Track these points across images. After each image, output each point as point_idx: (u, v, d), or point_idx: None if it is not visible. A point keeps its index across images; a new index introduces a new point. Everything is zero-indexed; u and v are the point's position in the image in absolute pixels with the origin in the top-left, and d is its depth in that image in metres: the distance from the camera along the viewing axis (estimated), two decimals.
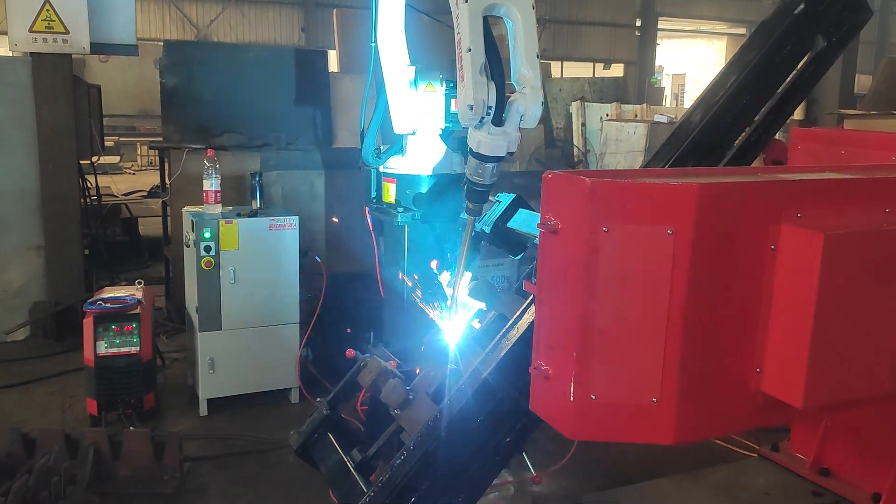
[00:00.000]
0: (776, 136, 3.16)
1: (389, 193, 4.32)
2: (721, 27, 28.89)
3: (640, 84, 23.59)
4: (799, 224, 1.90)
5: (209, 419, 4.68)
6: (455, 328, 2.81)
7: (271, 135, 6.53)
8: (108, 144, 13.42)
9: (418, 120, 4.12)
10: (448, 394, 2.42)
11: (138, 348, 4.52)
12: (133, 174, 15.97)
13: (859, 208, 2.03)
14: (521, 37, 2.38)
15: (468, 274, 2.85)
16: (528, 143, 10.76)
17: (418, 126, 4.13)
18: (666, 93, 24.53)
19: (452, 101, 4.05)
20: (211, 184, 4.75)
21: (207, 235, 4.56)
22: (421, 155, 4.16)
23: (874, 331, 2.01)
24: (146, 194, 11.76)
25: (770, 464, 3.49)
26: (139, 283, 5.04)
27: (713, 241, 1.85)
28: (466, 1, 2.30)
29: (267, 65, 6.88)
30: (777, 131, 3.10)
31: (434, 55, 4.21)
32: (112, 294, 4.79)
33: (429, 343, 2.95)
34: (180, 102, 6.54)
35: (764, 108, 2.96)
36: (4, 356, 5.66)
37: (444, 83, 4.07)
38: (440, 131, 4.16)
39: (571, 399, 1.90)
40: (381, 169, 4.34)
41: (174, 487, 3.82)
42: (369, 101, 4.25)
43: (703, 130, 2.85)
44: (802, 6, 2.89)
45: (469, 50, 2.29)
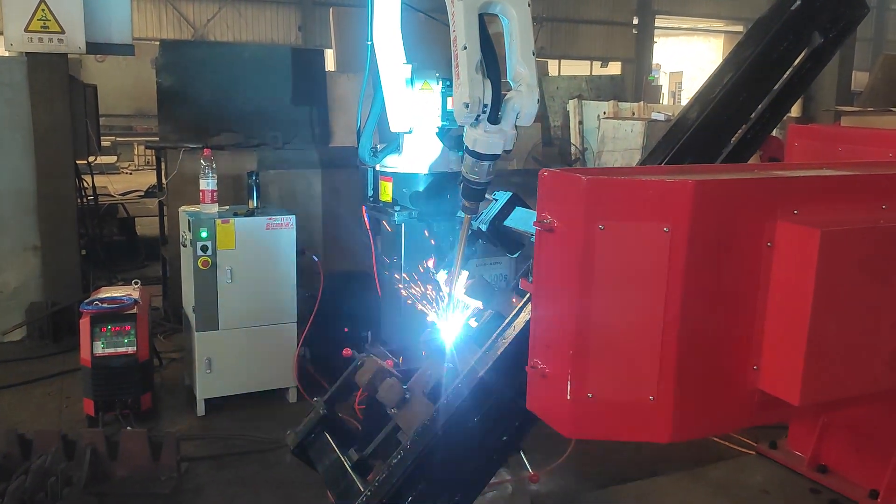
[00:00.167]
0: (773, 133, 3.16)
1: (386, 192, 4.31)
2: (718, 25, 28.89)
3: (638, 82, 23.58)
4: (795, 221, 1.90)
5: (206, 419, 4.67)
6: (452, 327, 2.81)
7: (268, 134, 6.51)
8: (105, 144, 13.41)
9: (415, 118, 4.11)
10: (445, 393, 2.41)
11: (135, 348, 4.51)
12: (130, 174, 15.92)
13: (856, 205, 2.03)
14: (517, 34, 2.38)
15: (465, 272, 2.85)
16: (526, 141, 10.76)
17: (415, 124, 4.13)
18: (663, 90, 24.50)
19: (449, 100, 4.05)
20: (207, 183, 4.74)
21: (204, 235, 4.54)
22: (417, 153, 4.15)
23: (871, 327, 2.01)
24: (143, 194, 11.73)
25: (768, 461, 3.50)
26: (136, 283, 5.03)
27: (709, 239, 1.84)
28: None
29: (263, 64, 6.86)
30: (774, 128, 3.10)
31: (430, 53, 4.21)
32: (109, 294, 4.77)
33: (427, 343, 2.94)
34: (177, 102, 6.52)
35: (760, 105, 2.96)
36: (1, 357, 5.65)
37: (441, 81, 4.06)
38: (437, 129, 4.16)
39: (568, 397, 1.90)
40: (378, 168, 4.34)
41: (171, 488, 3.81)
42: (366, 100, 4.24)
43: (700, 127, 2.85)
44: (798, 3, 2.89)
45: (465, 48, 2.29)
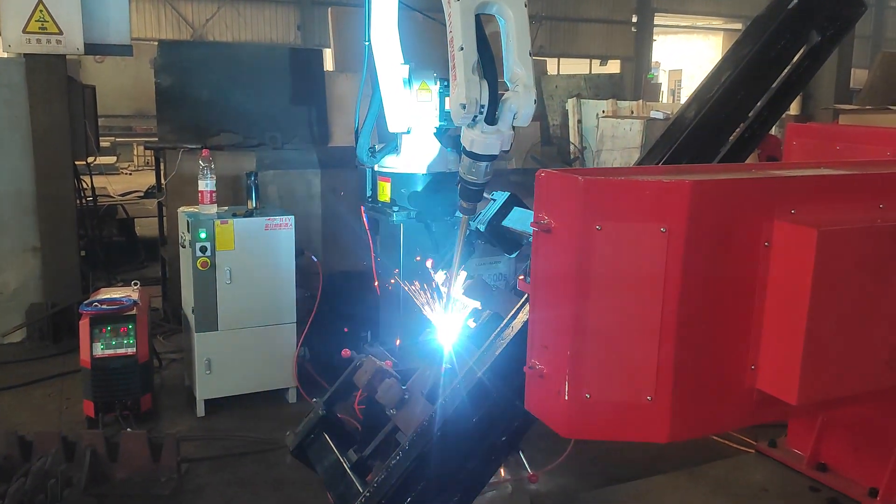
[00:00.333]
0: (771, 132, 3.16)
1: (385, 192, 4.31)
2: (717, 22, 28.86)
3: (637, 80, 23.55)
4: (793, 220, 1.90)
5: (206, 420, 4.67)
6: (450, 327, 2.81)
7: (267, 134, 6.51)
8: (105, 145, 13.37)
9: (413, 118, 4.11)
10: (443, 393, 2.41)
11: (135, 349, 4.51)
12: (130, 174, 15.88)
13: (853, 204, 2.03)
14: (514, 35, 2.37)
15: (463, 272, 2.85)
16: (525, 141, 10.75)
17: (413, 124, 4.13)
18: (663, 88, 24.46)
19: (447, 100, 4.05)
20: (206, 184, 4.74)
21: (203, 236, 4.54)
22: (416, 153, 4.15)
23: (868, 327, 2.01)
24: (142, 195, 11.72)
25: (767, 460, 3.50)
26: (135, 284, 5.03)
27: (707, 239, 1.84)
28: None
29: (262, 64, 6.86)
30: (772, 127, 3.10)
31: (428, 53, 4.20)
32: (108, 295, 4.78)
33: (424, 343, 2.94)
34: (175, 102, 6.52)
35: (759, 104, 2.96)
36: (1, 358, 5.65)
37: (439, 81, 4.06)
38: (435, 129, 4.16)
39: (566, 398, 1.90)
40: (376, 168, 4.34)
41: (172, 489, 3.81)
42: (364, 100, 4.24)
43: (698, 126, 2.85)
44: (796, 1, 2.89)
45: (461, 48, 2.28)
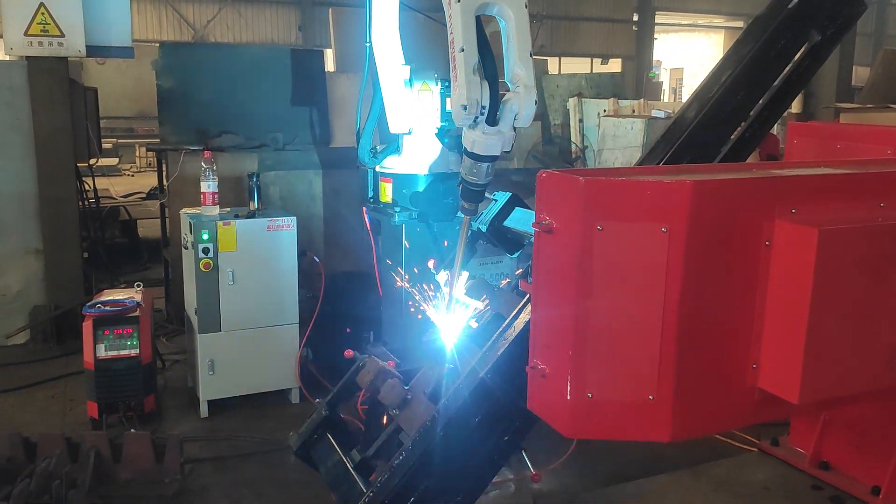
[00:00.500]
0: (772, 131, 3.16)
1: (386, 193, 4.32)
2: (718, 21, 28.83)
3: (638, 79, 23.53)
4: (793, 220, 1.90)
5: (210, 421, 4.68)
6: (453, 327, 2.81)
7: (268, 135, 6.52)
8: (107, 147, 13.42)
9: (414, 119, 4.12)
10: (446, 394, 2.42)
11: (138, 351, 4.52)
12: (132, 176, 15.90)
13: (854, 203, 2.03)
14: (514, 35, 2.37)
15: (465, 273, 2.85)
16: (526, 140, 10.75)
17: (414, 125, 4.13)
18: (664, 87, 24.44)
19: (448, 100, 4.05)
20: (208, 185, 4.75)
21: (205, 237, 4.55)
22: (417, 154, 4.16)
23: (870, 325, 2.01)
24: (145, 196, 11.73)
25: (770, 458, 3.49)
26: (138, 286, 5.04)
27: (708, 238, 1.85)
28: (459, 0, 2.29)
29: (263, 65, 6.87)
30: (773, 126, 3.10)
31: (429, 54, 4.21)
32: (111, 297, 4.79)
33: (427, 343, 2.95)
34: (177, 104, 6.53)
35: (759, 103, 2.96)
36: (4, 360, 5.66)
37: (440, 82, 4.07)
38: (436, 130, 4.16)
39: (568, 397, 1.91)
40: (378, 168, 4.34)
41: (175, 490, 3.82)
42: (365, 101, 4.25)
43: (699, 126, 2.85)
44: (797, 0, 2.89)
45: (462, 50, 2.29)
